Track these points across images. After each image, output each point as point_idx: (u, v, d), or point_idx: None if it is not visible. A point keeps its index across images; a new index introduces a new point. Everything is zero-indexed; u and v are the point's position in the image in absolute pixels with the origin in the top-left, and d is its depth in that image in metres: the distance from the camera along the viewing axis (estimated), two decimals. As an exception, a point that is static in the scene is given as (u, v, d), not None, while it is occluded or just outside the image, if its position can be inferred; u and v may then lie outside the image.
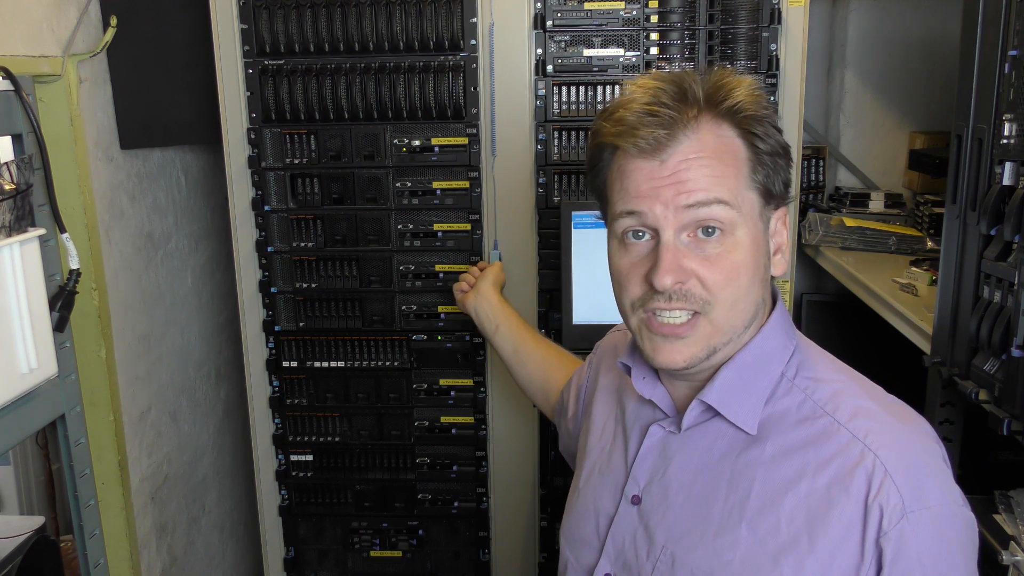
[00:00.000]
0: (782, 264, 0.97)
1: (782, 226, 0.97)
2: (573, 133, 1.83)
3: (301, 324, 1.94)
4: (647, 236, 0.91)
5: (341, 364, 1.96)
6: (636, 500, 0.99)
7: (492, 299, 1.66)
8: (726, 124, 0.90)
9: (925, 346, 1.49)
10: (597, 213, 1.02)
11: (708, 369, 0.95)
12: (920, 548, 0.82)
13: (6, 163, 1.24)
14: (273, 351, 1.96)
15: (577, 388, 1.27)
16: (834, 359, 0.98)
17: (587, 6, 1.78)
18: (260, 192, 1.87)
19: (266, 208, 1.88)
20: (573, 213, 1.76)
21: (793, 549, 0.86)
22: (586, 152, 0.99)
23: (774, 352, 0.95)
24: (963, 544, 0.86)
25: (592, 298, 1.79)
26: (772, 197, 0.93)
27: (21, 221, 1.26)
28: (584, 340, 1.78)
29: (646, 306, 0.91)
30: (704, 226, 0.89)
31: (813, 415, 0.90)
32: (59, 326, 1.40)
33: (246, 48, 1.80)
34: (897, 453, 0.85)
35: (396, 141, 1.84)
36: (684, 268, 0.89)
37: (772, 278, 0.98)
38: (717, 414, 0.94)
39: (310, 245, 1.90)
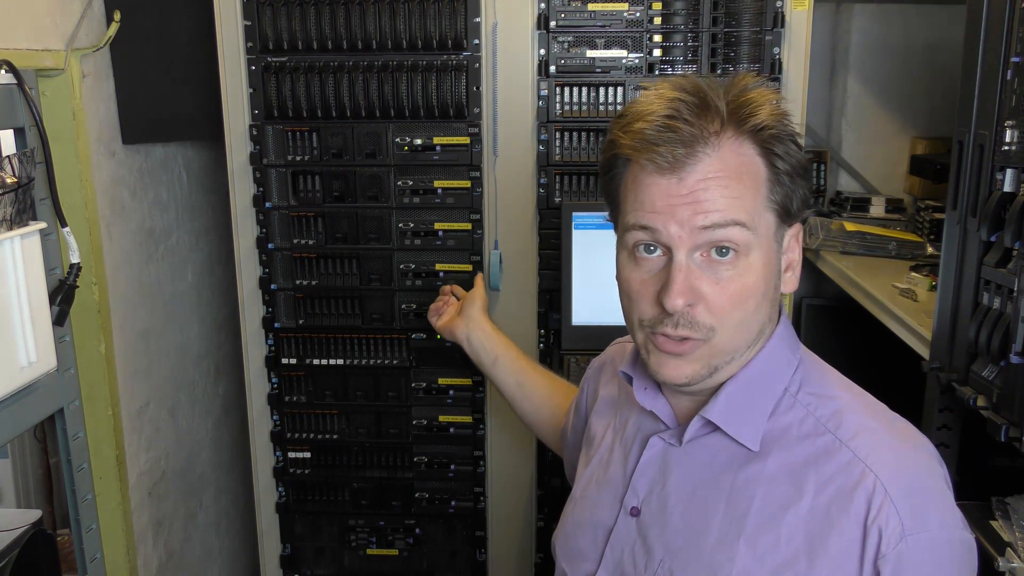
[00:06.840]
0: (792, 282, 0.95)
1: (795, 242, 0.95)
2: (575, 134, 1.83)
3: (301, 321, 1.94)
4: (659, 251, 0.89)
5: (340, 362, 1.96)
6: (635, 512, 0.98)
7: (486, 327, 1.53)
8: (748, 143, 0.87)
9: (924, 351, 1.49)
10: (598, 214, 1.01)
11: (711, 384, 0.93)
12: (918, 571, 0.82)
13: (8, 156, 1.24)
14: (272, 348, 1.96)
15: (577, 404, 1.26)
16: (839, 375, 0.97)
17: (591, 7, 1.78)
18: (261, 189, 1.87)
19: (267, 205, 1.88)
20: (574, 214, 1.76)
21: (791, 568, 0.85)
22: (600, 155, 0.97)
23: (778, 368, 0.94)
24: (961, 567, 0.86)
25: (592, 299, 1.79)
26: (789, 215, 0.91)
27: (22, 215, 1.26)
28: (583, 341, 1.79)
29: (654, 328, 0.90)
30: (718, 246, 0.86)
31: (815, 432, 0.89)
32: (59, 320, 1.40)
33: (249, 45, 1.80)
34: (898, 474, 0.84)
35: (398, 139, 1.84)
36: (695, 290, 0.87)
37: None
38: (719, 428, 0.93)
39: (311, 242, 1.90)
